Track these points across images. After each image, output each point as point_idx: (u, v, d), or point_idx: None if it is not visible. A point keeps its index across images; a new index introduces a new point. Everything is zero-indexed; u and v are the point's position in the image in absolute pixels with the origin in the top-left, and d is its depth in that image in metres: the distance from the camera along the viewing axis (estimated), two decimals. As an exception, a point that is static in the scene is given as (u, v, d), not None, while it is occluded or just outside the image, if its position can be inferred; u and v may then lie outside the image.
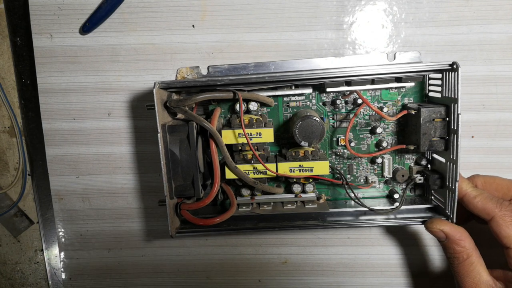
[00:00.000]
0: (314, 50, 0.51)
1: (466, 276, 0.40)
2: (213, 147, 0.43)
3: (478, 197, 0.41)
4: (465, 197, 0.42)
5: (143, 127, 0.53)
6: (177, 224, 0.45)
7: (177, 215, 0.44)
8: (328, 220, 0.46)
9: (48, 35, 0.51)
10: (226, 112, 0.47)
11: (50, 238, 0.58)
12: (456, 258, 0.41)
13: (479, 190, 0.42)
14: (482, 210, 0.40)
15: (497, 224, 0.39)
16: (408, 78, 0.43)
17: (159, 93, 0.41)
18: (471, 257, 0.40)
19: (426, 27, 0.50)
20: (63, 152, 0.54)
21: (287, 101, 0.48)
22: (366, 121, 0.48)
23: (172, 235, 0.43)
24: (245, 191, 0.47)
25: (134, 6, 0.51)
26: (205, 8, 0.50)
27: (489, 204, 0.40)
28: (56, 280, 0.58)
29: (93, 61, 0.52)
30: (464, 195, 0.42)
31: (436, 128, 0.42)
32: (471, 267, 0.40)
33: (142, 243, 0.56)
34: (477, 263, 0.40)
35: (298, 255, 0.56)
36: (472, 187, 0.42)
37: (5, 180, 0.57)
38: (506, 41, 0.49)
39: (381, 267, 0.55)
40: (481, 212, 0.40)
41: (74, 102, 0.53)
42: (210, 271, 0.57)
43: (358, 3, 0.50)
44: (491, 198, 0.41)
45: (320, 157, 0.44)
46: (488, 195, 0.41)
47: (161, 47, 0.51)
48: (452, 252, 0.41)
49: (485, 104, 0.51)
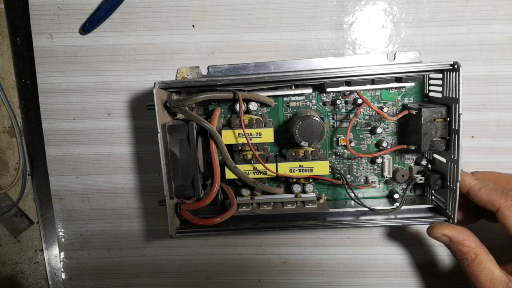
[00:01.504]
0: (314, 50, 0.51)
1: (479, 275, 0.39)
2: (213, 147, 0.43)
3: (482, 189, 0.40)
4: (470, 190, 0.41)
5: (143, 127, 0.53)
6: (177, 224, 0.45)
7: (177, 215, 0.44)
8: (328, 220, 0.46)
9: (48, 35, 0.51)
10: (226, 112, 0.47)
11: (50, 238, 0.58)
12: (464, 259, 0.40)
13: (483, 182, 0.41)
14: (487, 201, 0.40)
15: (504, 215, 0.39)
16: (408, 78, 0.43)
17: (159, 93, 0.41)
18: (479, 255, 0.39)
19: (426, 27, 0.50)
20: (63, 152, 0.54)
21: (287, 101, 0.48)
22: (366, 121, 0.48)
23: (172, 235, 0.43)
24: (245, 191, 0.47)
25: (134, 6, 0.51)
26: (205, 8, 0.50)
27: (494, 195, 0.39)
28: (56, 280, 0.58)
29: (93, 61, 0.52)
30: (468, 188, 0.41)
31: (437, 128, 0.42)
32: (481, 265, 0.39)
33: (142, 243, 0.56)
34: (486, 260, 0.39)
35: (298, 255, 0.56)
36: (476, 180, 0.41)
37: (5, 180, 0.57)
38: (506, 41, 0.49)
39: (381, 267, 0.55)
40: (487, 203, 0.40)
41: (74, 102, 0.53)
42: (210, 271, 0.57)
43: (358, 3, 0.50)
44: (495, 189, 0.40)
45: (320, 157, 0.44)
46: (493, 186, 0.40)
47: (161, 47, 0.51)
48: (459, 254, 0.40)
49: (485, 104, 0.51)
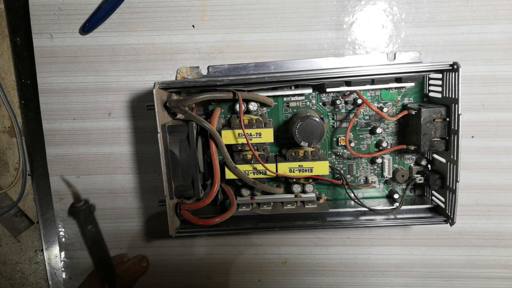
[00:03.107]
0: (314, 50, 0.51)
1: None
2: (213, 147, 0.43)
3: None
4: None
5: (143, 127, 0.53)
6: (177, 224, 0.45)
7: (177, 215, 0.44)
8: (328, 220, 0.46)
9: (48, 35, 0.51)
10: (226, 112, 0.47)
11: (50, 238, 0.58)
12: None
13: None
14: None
15: None
16: (408, 78, 0.43)
17: (159, 93, 0.41)
18: None
19: (426, 27, 0.50)
20: (63, 152, 0.54)
21: (287, 101, 0.48)
22: (366, 121, 0.48)
23: (172, 235, 0.43)
24: (245, 191, 0.47)
25: (134, 6, 0.51)
26: (205, 8, 0.50)
27: None
28: (56, 280, 0.58)
29: (93, 61, 0.52)
30: None
31: (437, 129, 0.42)
32: None
33: (142, 243, 0.56)
34: None
35: (298, 255, 0.56)
36: None
37: (5, 180, 0.57)
38: (506, 41, 0.49)
39: (381, 267, 0.55)
40: None
41: (74, 102, 0.53)
42: (210, 271, 0.57)
43: (358, 3, 0.50)
44: None
45: (320, 157, 0.44)
46: None
47: (161, 47, 0.51)
48: None
49: (485, 104, 0.51)
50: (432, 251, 0.54)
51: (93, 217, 0.32)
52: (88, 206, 0.32)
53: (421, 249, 0.54)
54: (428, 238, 0.54)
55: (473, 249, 0.53)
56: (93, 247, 0.32)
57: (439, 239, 0.54)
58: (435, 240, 0.54)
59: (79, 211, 0.31)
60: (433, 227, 0.53)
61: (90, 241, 0.32)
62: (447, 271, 0.54)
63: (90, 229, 0.32)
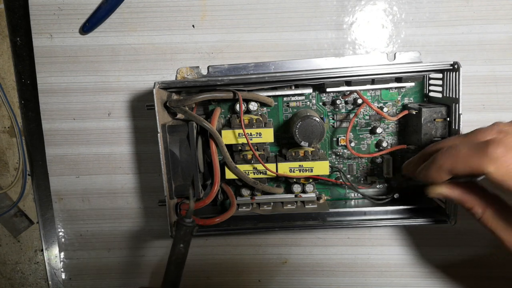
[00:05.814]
0: (314, 50, 0.51)
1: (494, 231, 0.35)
2: (213, 147, 0.43)
3: None
4: None
5: (143, 127, 0.53)
6: (177, 224, 0.45)
7: (177, 215, 0.44)
8: (328, 220, 0.46)
9: (48, 35, 0.51)
10: (226, 112, 0.47)
11: (50, 238, 0.58)
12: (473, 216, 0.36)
13: None
14: None
15: None
16: (408, 78, 0.43)
17: (159, 93, 0.41)
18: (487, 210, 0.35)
19: (426, 27, 0.50)
20: (63, 152, 0.54)
21: (287, 101, 0.48)
22: (366, 121, 0.48)
23: (172, 235, 0.43)
24: (245, 191, 0.47)
25: (134, 6, 0.51)
26: (205, 8, 0.50)
27: None
28: (56, 280, 0.58)
29: (93, 61, 0.52)
30: None
31: (437, 128, 0.42)
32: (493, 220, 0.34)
33: (142, 243, 0.56)
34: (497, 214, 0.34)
35: (298, 255, 0.55)
36: None
37: (5, 180, 0.57)
38: (506, 41, 0.49)
39: (381, 267, 0.55)
40: None
41: (74, 102, 0.53)
42: (210, 271, 0.57)
43: (358, 3, 0.50)
44: None
45: (320, 157, 0.44)
46: None
47: (161, 47, 0.51)
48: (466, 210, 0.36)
49: (485, 104, 0.51)
50: (432, 251, 0.54)
51: (190, 239, 0.33)
52: (192, 226, 0.32)
53: (421, 249, 0.54)
54: (428, 238, 0.54)
55: (473, 249, 0.53)
56: (173, 265, 0.32)
57: (439, 239, 0.53)
58: (435, 240, 0.54)
59: (182, 226, 0.32)
60: (433, 227, 0.53)
61: (173, 258, 0.32)
62: (447, 271, 0.54)
63: (181, 248, 0.32)
